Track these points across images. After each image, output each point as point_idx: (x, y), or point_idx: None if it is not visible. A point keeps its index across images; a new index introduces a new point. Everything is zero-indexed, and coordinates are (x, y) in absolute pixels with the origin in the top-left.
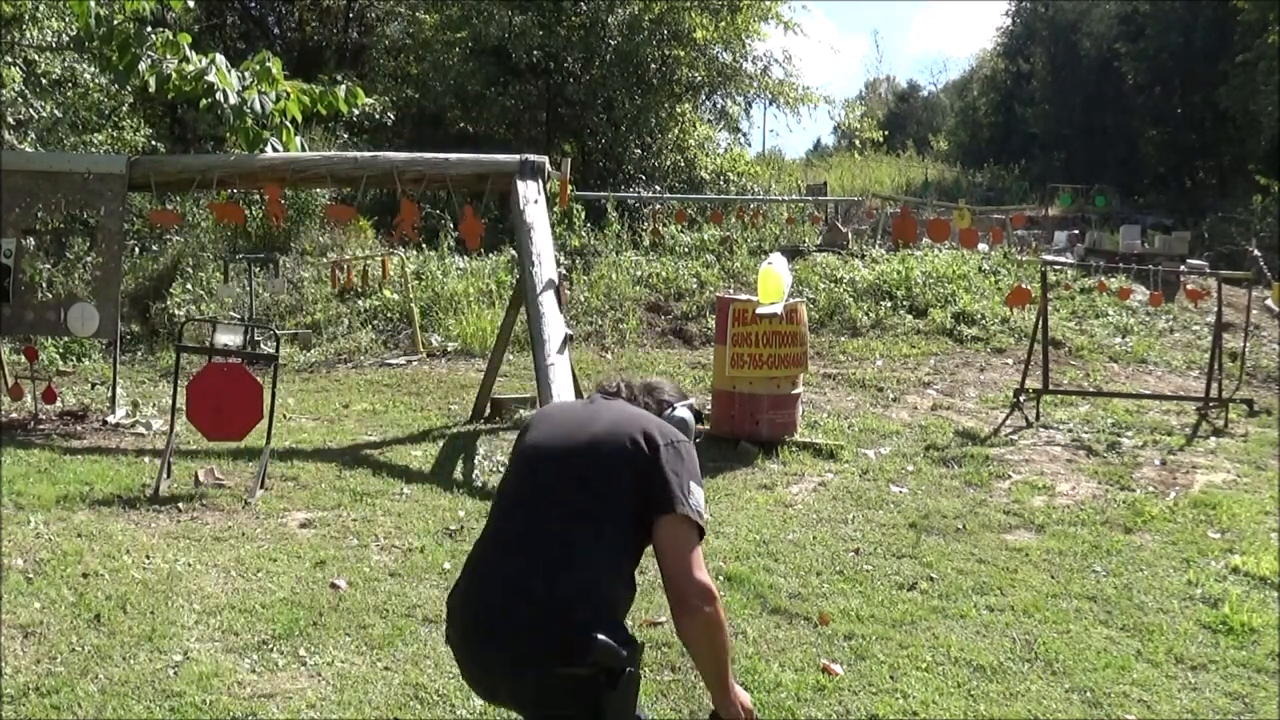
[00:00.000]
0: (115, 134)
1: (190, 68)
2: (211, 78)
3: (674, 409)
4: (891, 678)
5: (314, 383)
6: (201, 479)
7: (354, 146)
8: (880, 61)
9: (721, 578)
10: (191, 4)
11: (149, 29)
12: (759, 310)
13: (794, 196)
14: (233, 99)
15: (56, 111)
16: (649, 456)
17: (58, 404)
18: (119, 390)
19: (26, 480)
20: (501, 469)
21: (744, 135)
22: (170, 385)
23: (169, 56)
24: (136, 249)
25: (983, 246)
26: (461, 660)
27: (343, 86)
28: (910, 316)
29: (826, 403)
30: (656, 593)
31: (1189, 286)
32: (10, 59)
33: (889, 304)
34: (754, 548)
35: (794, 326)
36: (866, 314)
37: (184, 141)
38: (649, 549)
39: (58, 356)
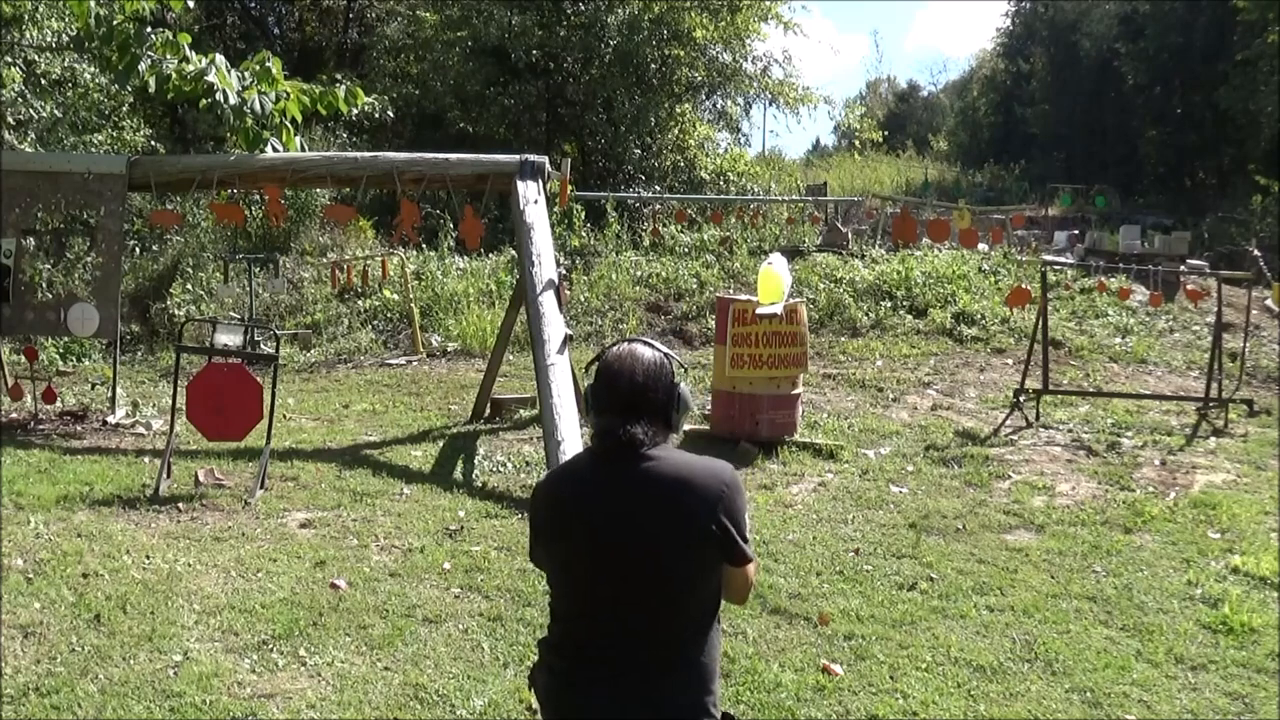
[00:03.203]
0: (115, 134)
1: (190, 68)
2: (211, 78)
3: (679, 388)
4: (891, 678)
5: (314, 383)
6: (201, 479)
7: (354, 146)
8: (880, 61)
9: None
10: (191, 4)
11: (149, 29)
12: (759, 310)
13: (794, 196)
14: (233, 99)
15: (56, 111)
16: (722, 526)
17: (58, 404)
18: (119, 390)
19: (26, 480)
20: (501, 469)
21: (744, 135)
22: (170, 385)
23: (169, 57)
24: (136, 249)
25: (983, 246)
26: None
27: (343, 86)
28: (910, 316)
29: (826, 403)
30: None
31: (1189, 286)
32: (10, 59)
33: (889, 304)
34: (754, 548)
35: (794, 326)
36: (866, 314)
37: (184, 141)
38: None
39: (58, 356)
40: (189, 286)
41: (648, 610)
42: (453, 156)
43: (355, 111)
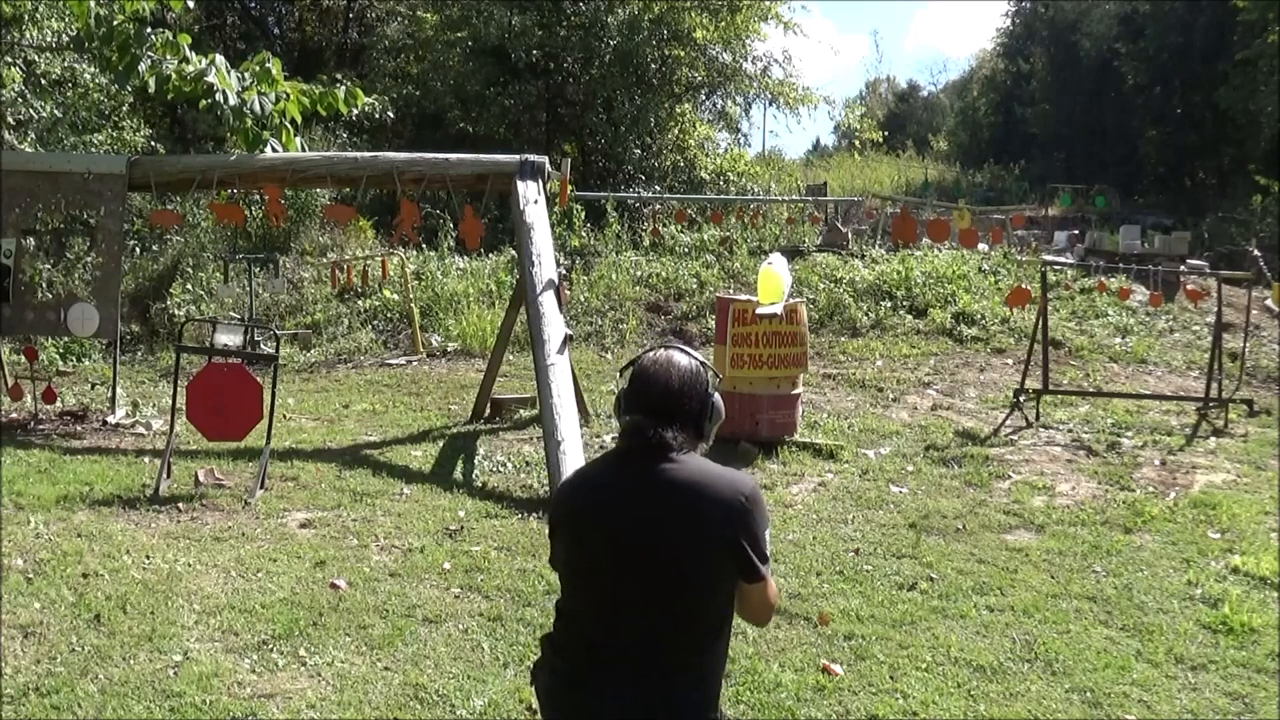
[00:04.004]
0: (115, 134)
1: (190, 68)
2: (211, 78)
3: (713, 398)
4: (891, 678)
5: (314, 383)
6: (201, 479)
7: (354, 146)
8: (880, 61)
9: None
10: (191, 4)
11: (149, 29)
12: (759, 310)
13: (794, 196)
14: (232, 100)
15: (56, 111)
16: (738, 540)
17: (58, 404)
18: (119, 390)
19: (26, 480)
20: (501, 469)
21: (744, 135)
22: (170, 385)
23: (169, 57)
24: (136, 249)
25: (983, 246)
26: None
27: (342, 87)
28: (910, 316)
29: (826, 403)
30: None
31: (1189, 286)
32: (10, 59)
33: (889, 304)
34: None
35: (794, 326)
36: (866, 314)
37: (184, 141)
38: None
39: (58, 356)
40: (189, 286)
41: (671, 613)
42: (453, 156)
43: (355, 111)
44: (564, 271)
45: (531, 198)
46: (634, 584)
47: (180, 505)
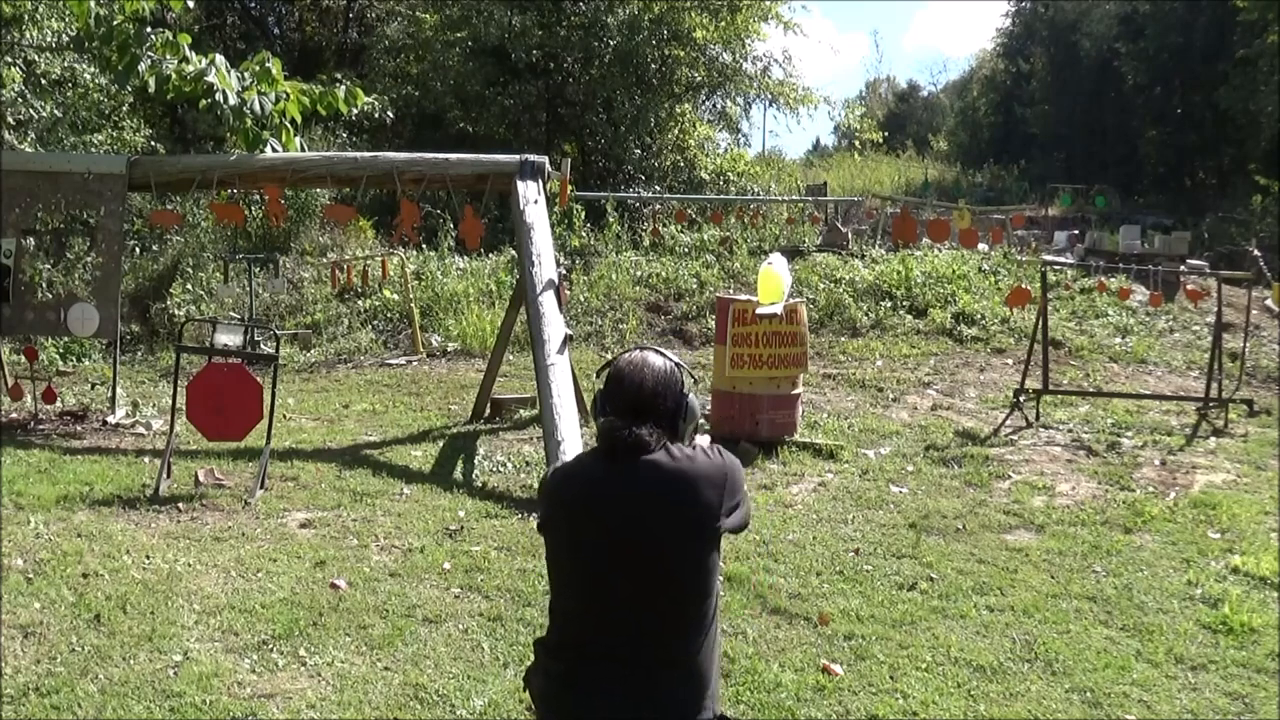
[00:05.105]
0: (115, 134)
1: (190, 68)
2: (211, 78)
3: (688, 399)
4: (891, 678)
5: (314, 383)
6: (201, 479)
7: (354, 146)
8: (880, 61)
9: (721, 578)
10: (191, 4)
11: (149, 29)
12: (759, 310)
13: (794, 196)
14: (232, 99)
15: (56, 111)
16: (725, 508)
17: (58, 404)
18: (119, 390)
19: (26, 480)
20: (501, 469)
21: (744, 136)
22: (170, 385)
23: (169, 57)
24: (136, 249)
25: (983, 246)
26: None
27: (342, 87)
28: (910, 316)
29: (826, 403)
30: None
31: (1189, 286)
32: (10, 59)
33: (889, 304)
34: (754, 548)
35: (794, 326)
36: (866, 314)
37: (184, 141)
38: None
39: (58, 356)
40: (189, 286)
41: (657, 610)
42: (453, 156)
43: (355, 111)
44: (564, 271)
45: (531, 198)
46: (622, 580)
47: (180, 505)
